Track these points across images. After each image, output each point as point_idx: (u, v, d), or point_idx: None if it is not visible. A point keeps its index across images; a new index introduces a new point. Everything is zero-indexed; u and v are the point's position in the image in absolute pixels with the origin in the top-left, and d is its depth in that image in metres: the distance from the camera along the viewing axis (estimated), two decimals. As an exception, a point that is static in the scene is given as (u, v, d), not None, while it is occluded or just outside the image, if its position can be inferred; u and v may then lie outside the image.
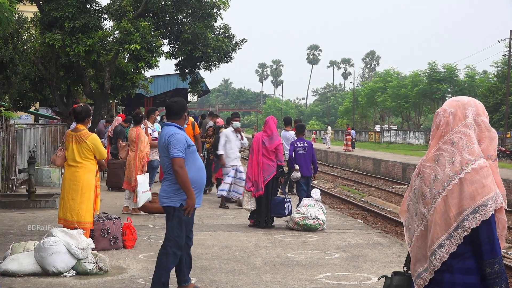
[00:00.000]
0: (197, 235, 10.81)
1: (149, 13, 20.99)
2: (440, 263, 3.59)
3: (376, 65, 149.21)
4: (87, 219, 8.89)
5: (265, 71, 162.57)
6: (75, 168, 8.90)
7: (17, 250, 8.12)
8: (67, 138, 9.10)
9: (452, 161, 3.57)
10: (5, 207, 13.70)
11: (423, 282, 3.69)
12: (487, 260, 3.50)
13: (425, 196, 3.68)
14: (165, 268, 6.82)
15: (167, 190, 6.85)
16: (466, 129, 3.59)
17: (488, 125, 3.62)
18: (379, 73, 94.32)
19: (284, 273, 8.23)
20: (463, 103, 3.67)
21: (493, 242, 3.51)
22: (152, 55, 19.60)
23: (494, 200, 3.49)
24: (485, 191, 3.49)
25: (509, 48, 49.67)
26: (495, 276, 3.49)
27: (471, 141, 3.57)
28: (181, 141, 6.75)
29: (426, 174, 3.68)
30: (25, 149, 18.42)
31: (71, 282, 7.59)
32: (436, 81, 66.91)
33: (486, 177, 3.51)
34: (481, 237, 3.52)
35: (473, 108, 3.64)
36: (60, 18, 18.99)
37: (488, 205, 3.47)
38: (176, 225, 6.83)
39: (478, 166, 3.51)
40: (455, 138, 3.60)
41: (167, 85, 39.00)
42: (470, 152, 3.55)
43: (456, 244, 3.56)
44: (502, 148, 43.10)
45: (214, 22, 22.69)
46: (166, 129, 6.92)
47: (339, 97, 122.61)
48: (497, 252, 3.50)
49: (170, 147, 6.72)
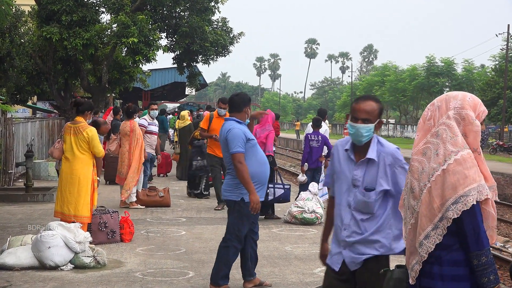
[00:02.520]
0: (195, 229, 10.82)
1: (146, 6, 20.97)
2: (427, 254, 3.63)
3: (374, 59, 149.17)
4: (84, 213, 8.89)
5: (263, 64, 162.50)
6: (72, 161, 8.90)
7: (14, 243, 8.12)
8: (65, 130, 9.10)
9: (437, 152, 3.61)
10: (3, 200, 13.69)
11: (415, 274, 3.72)
12: (473, 252, 3.51)
13: (414, 189, 3.73)
14: (225, 262, 6.88)
15: (228, 184, 6.90)
16: (449, 121, 3.62)
17: (473, 118, 3.62)
18: (377, 67, 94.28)
19: (281, 266, 8.23)
20: (450, 96, 3.72)
21: (479, 233, 3.52)
22: (149, 48, 19.59)
23: (477, 192, 3.49)
24: (467, 181, 3.50)
25: (507, 42, 49.69)
26: (482, 268, 3.50)
27: (454, 132, 3.60)
28: (239, 136, 6.78)
29: (414, 168, 3.73)
30: (22, 143, 18.40)
31: (69, 276, 7.60)
32: (434, 75, 66.93)
33: (469, 168, 3.52)
34: (465, 228, 3.54)
35: (459, 102, 3.67)
36: (57, 11, 18.97)
37: (469, 195, 3.48)
38: (236, 219, 6.87)
39: (461, 157, 3.53)
40: (440, 130, 3.64)
41: (165, 79, 38.95)
42: (453, 143, 3.58)
43: (442, 235, 3.59)
44: (500, 142, 43.14)
45: (211, 15, 22.70)
46: (226, 125, 6.94)
47: (337, 91, 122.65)
48: (483, 244, 3.51)
49: (229, 143, 6.76)
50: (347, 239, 4.35)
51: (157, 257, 8.65)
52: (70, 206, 8.87)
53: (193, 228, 10.91)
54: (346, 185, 4.39)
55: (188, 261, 8.48)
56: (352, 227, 4.35)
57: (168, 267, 8.14)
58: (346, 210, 4.38)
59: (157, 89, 40.60)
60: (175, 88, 44.04)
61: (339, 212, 4.42)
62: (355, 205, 4.35)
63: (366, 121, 4.33)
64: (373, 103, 4.40)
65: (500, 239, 14.92)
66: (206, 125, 12.81)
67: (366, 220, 4.34)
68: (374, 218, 4.34)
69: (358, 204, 4.34)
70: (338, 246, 4.43)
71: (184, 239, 9.94)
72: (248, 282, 7.19)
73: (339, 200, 4.43)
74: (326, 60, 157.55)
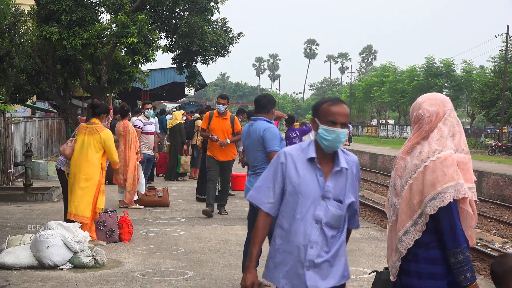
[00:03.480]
0: (193, 229, 10.83)
1: (146, 6, 20.98)
2: (406, 250, 3.70)
3: (373, 59, 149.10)
4: (85, 213, 8.95)
5: (262, 65, 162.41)
6: (82, 161, 9.01)
7: (13, 243, 8.12)
8: (80, 130, 9.24)
9: (421, 151, 3.69)
10: (2, 200, 13.69)
11: (395, 270, 3.79)
12: (450, 249, 3.56)
13: (396, 186, 3.83)
14: None
15: None
16: (442, 125, 3.72)
17: (457, 120, 3.76)
18: (376, 68, 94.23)
19: (280, 267, 8.24)
20: (442, 100, 3.80)
21: (455, 231, 3.57)
22: (149, 48, 19.60)
23: (455, 190, 3.56)
24: (445, 179, 3.57)
25: (506, 43, 49.72)
26: (459, 266, 3.55)
27: (442, 134, 3.69)
28: (277, 135, 6.89)
29: (398, 165, 3.82)
30: (21, 142, 18.41)
31: (68, 275, 7.60)
32: (433, 76, 66.90)
33: (448, 166, 3.59)
34: (442, 225, 3.59)
35: (449, 104, 3.79)
36: (57, 11, 18.97)
37: (447, 192, 3.55)
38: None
39: (443, 156, 3.61)
40: (433, 133, 3.72)
41: (164, 79, 38.94)
42: (438, 143, 3.67)
43: (421, 231, 3.66)
44: (499, 143, 43.16)
45: (211, 15, 22.72)
46: (259, 124, 6.95)
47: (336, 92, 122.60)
48: (460, 242, 3.56)
49: (267, 141, 6.79)
50: (315, 260, 3.82)
51: (156, 257, 8.66)
52: (72, 205, 8.93)
53: (192, 228, 10.91)
54: (310, 198, 3.84)
55: (187, 261, 8.48)
56: (321, 244, 3.83)
57: (167, 267, 8.15)
58: (312, 225, 3.82)
59: (156, 89, 40.58)
60: (174, 88, 44.02)
61: (300, 228, 3.84)
62: (327, 220, 3.83)
63: (344, 126, 3.88)
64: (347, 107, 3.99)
65: (499, 240, 14.93)
66: (206, 124, 12.11)
67: (334, 236, 3.88)
68: (339, 235, 3.92)
69: (331, 218, 3.84)
70: (299, 268, 3.85)
71: (183, 239, 9.94)
72: None
73: (300, 215, 3.85)
74: (325, 60, 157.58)
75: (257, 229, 3.98)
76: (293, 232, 3.88)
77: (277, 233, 3.97)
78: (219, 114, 12.00)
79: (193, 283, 7.38)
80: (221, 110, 11.96)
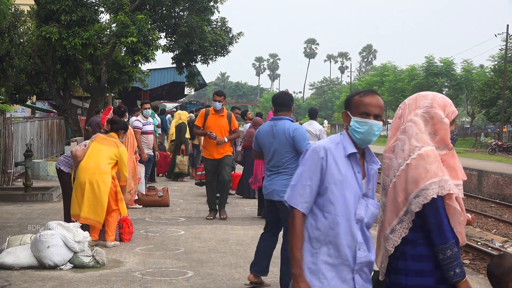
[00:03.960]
0: (194, 228, 10.83)
1: (145, 6, 20.97)
2: (393, 248, 3.71)
3: (373, 59, 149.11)
4: (99, 218, 9.14)
5: (262, 64, 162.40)
6: (96, 168, 9.12)
7: (13, 243, 8.12)
8: (97, 139, 9.41)
9: (403, 148, 3.71)
10: (2, 200, 13.68)
11: (383, 269, 3.82)
12: (438, 246, 3.56)
13: (384, 185, 3.85)
14: None
15: (286, 184, 6.71)
16: (416, 118, 3.72)
17: (442, 117, 3.72)
18: (376, 67, 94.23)
19: (280, 266, 8.23)
20: (421, 96, 3.83)
21: (442, 227, 3.57)
22: (148, 48, 19.60)
23: (439, 186, 3.56)
24: (428, 176, 3.58)
25: (506, 42, 49.72)
26: (448, 262, 3.55)
27: (420, 129, 3.70)
28: (306, 134, 6.92)
29: (385, 165, 3.85)
30: (21, 142, 18.40)
31: (68, 275, 7.60)
32: (433, 75, 66.85)
33: (431, 163, 3.60)
34: (429, 222, 3.60)
35: (428, 101, 3.77)
36: (56, 11, 18.98)
37: (429, 189, 3.56)
38: None
39: (424, 153, 3.62)
40: (407, 127, 3.73)
41: (164, 79, 38.94)
42: (418, 139, 3.68)
43: (407, 228, 3.67)
44: (499, 142, 43.15)
45: (211, 15, 22.72)
46: (286, 124, 6.92)
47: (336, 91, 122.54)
48: (447, 238, 3.56)
49: (298, 141, 6.78)
50: (364, 260, 3.66)
51: (156, 257, 8.66)
52: (85, 209, 9.07)
53: (192, 228, 10.91)
54: (352, 196, 3.65)
55: (187, 260, 8.48)
56: (365, 246, 3.68)
57: (167, 266, 8.14)
58: (356, 226, 3.65)
59: (156, 89, 40.59)
60: (174, 88, 44.02)
61: (345, 229, 3.63)
62: (367, 220, 3.70)
63: (378, 118, 3.72)
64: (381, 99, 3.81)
65: (499, 239, 14.93)
66: (201, 122, 11.56)
67: (369, 237, 3.74)
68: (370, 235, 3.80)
69: (371, 217, 3.72)
70: (346, 273, 3.64)
71: (183, 239, 9.94)
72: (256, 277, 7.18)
73: (346, 215, 3.63)
74: (325, 60, 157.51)
75: (296, 232, 3.65)
76: (336, 234, 3.62)
77: (313, 235, 3.67)
78: (215, 111, 11.53)
79: (193, 283, 7.38)
80: (218, 108, 11.49)
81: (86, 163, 9.19)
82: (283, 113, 7.02)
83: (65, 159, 10.14)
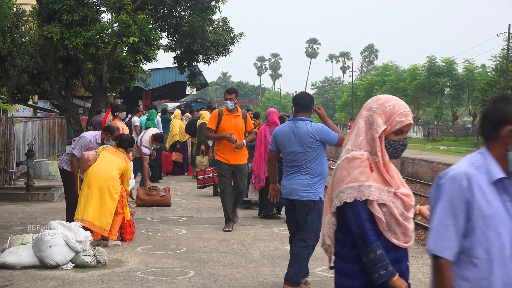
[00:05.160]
0: (195, 228, 10.83)
1: (147, 6, 20.96)
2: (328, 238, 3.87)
3: (374, 58, 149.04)
4: (107, 226, 9.18)
5: (264, 64, 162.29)
6: (108, 176, 9.21)
7: (15, 242, 8.13)
8: (108, 149, 9.53)
9: (343, 149, 3.82)
10: (4, 199, 13.70)
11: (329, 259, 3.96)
12: (361, 249, 3.62)
13: None
14: (305, 260, 6.93)
15: (306, 184, 6.84)
16: (362, 120, 3.77)
17: (377, 125, 3.68)
18: (377, 67, 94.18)
19: (282, 266, 8.23)
20: (376, 99, 3.83)
21: (364, 231, 3.61)
22: (150, 48, 19.58)
23: (358, 191, 3.61)
24: (347, 180, 3.65)
25: (508, 42, 49.66)
26: (372, 264, 3.59)
27: (359, 132, 3.75)
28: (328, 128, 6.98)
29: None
30: (23, 142, 18.41)
31: (70, 275, 7.61)
32: (435, 75, 66.84)
33: (354, 167, 3.65)
34: (350, 226, 3.67)
35: (376, 106, 3.75)
36: (58, 10, 18.97)
37: (345, 192, 3.64)
38: (316, 218, 6.82)
39: (351, 156, 3.69)
40: (354, 127, 3.82)
41: (166, 78, 38.95)
42: (353, 142, 3.75)
43: (335, 225, 3.80)
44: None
45: (212, 15, 22.68)
46: (308, 124, 6.92)
47: (337, 91, 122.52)
48: (369, 241, 3.59)
49: (326, 134, 6.84)
50: None
51: (158, 257, 8.66)
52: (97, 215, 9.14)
53: (194, 228, 10.91)
54: (507, 233, 2.96)
55: (189, 260, 8.48)
56: None
57: (168, 266, 8.15)
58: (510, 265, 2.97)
59: (158, 89, 40.60)
60: (176, 88, 44.03)
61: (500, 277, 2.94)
62: None
63: None
64: None
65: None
66: (215, 124, 10.36)
67: None
68: None
69: None
70: None
71: (184, 239, 9.95)
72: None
73: (501, 259, 2.94)
74: (327, 59, 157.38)
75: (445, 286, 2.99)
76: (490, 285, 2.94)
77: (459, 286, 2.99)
78: (229, 111, 10.37)
79: (195, 283, 7.38)
80: (230, 107, 10.32)
81: (96, 169, 9.26)
82: (303, 114, 7.03)
83: (67, 157, 10.15)
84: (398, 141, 3.74)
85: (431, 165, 27.73)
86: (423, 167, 28.58)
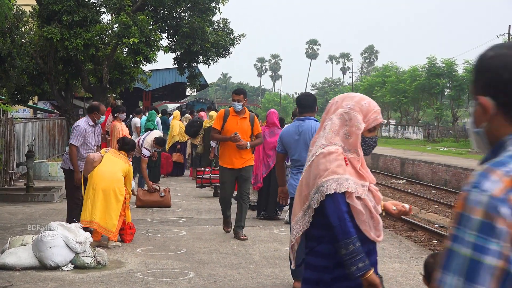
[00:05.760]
0: (195, 229, 10.82)
1: (147, 7, 20.97)
2: (295, 238, 3.86)
3: (375, 59, 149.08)
4: (113, 228, 9.22)
5: (264, 65, 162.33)
6: (113, 178, 9.28)
7: (15, 243, 8.12)
8: (111, 151, 9.65)
9: (316, 144, 3.83)
10: (3, 200, 13.69)
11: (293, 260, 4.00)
12: (341, 240, 3.61)
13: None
14: None
15: None
16: (335, 117, 3.80)
17: (358, 122, 3.76)
18: (377, 68, 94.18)
19: (282, 267, 8.23)
20: (349, 96, 3.90)
21: (344, 222, 3.63)
22: (150, 49, 19.60)
23: (337, 184, 3.65)
24: (326, 173, 3.68)
25: (508, 43, 49.65)
26: (351, 257, 3.59)
27: (333, 129, 3.78)
28: None
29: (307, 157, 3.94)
30: (23, 143, 18.41)
31: (69, 276, 7.60)
32: (435, 76, 66.80)
33: (331, 161, 3.70)
34: (331, 218, 3.67)
35: (352, 103, 3.82)
36: (58, 11, 18.97)
37: (325, 186, 3.66)
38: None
39: (327, 151, 3.72)
40: (326, 124, 3.84)
41: (166, 79, 38.93)
42: (327, 138, 3.78)
43: (309, 222, 3.78)
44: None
45: (212, 16, 22.69)
46: (312, 123, 6.95)
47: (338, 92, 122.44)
48: (350, 233, 3.61)
49: None
50: None
51: (158, 258, 8.66)
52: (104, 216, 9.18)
53: (194, 229, 10.91)
54: None
55: (189, 261, 8.48)
56: None
57: (168, 267, 8.15)
58: None
59: (158, 90, 40.57)
60: (176, 89, 43.99)
61: None
62: None
63: None
64: None
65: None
66: (220, 124, 9.87)
67: None
68: None
69: None
70: None
71: (184, 240, 9.94)
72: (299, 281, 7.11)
73: None
74: (327, 61, 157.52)
75: None
76: None
77: None
78: (236, 112, 9.90)
79: (195, 284, 7.37)
80: (238, 109, 9.84)
81: (101, 170, 9.29)
82: (308, 114, 7.09)
83: (69, 158, 10.11)
84: (371, 138, 3.89)
85: (431, 166, 27.71)
86: (423, 168, 28.56)
